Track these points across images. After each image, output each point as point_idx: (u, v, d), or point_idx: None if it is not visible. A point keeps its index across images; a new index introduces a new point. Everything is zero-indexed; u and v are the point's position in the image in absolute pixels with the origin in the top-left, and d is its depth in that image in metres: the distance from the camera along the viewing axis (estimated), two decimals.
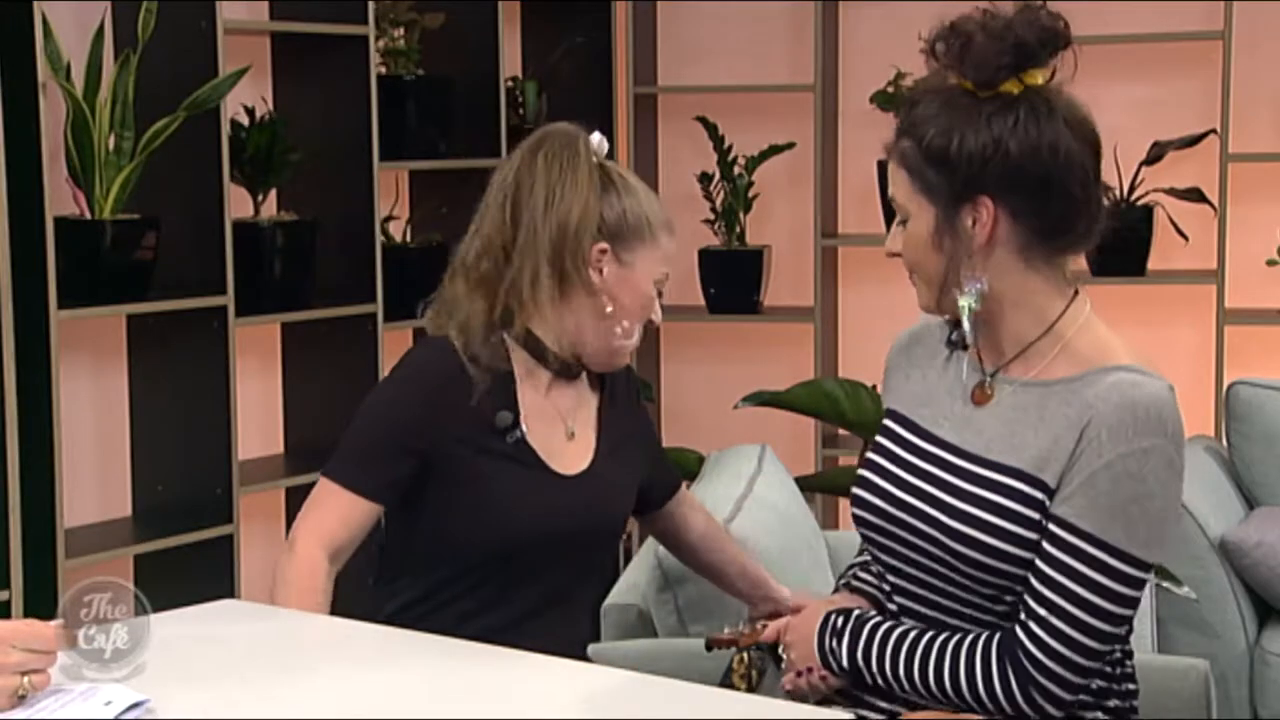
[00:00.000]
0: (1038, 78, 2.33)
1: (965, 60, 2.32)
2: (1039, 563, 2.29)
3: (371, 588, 2.82)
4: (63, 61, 3.86)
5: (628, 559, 5.15)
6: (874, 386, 5.00)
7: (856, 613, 2.47)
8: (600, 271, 2.72)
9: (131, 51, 3.93)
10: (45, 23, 3.79)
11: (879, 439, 2.51)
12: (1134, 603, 2.29)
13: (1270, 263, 4.96)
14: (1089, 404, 2.29)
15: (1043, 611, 2.28)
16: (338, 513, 2.70)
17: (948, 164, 2.32)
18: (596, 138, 2.80)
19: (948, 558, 2.36)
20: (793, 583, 3.05)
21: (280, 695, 2.07)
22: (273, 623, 2.46)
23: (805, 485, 4.00)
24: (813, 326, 5.37)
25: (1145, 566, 2.28)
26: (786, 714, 2.17)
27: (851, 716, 2.26)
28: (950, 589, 2.38)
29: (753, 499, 3.23)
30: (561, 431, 2.78)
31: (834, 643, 2.45)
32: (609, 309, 2.73)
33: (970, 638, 2.35)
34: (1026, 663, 2.29)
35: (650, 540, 3.16)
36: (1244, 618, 3.82)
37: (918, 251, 2.38)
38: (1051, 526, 2.29)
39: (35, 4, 3.73)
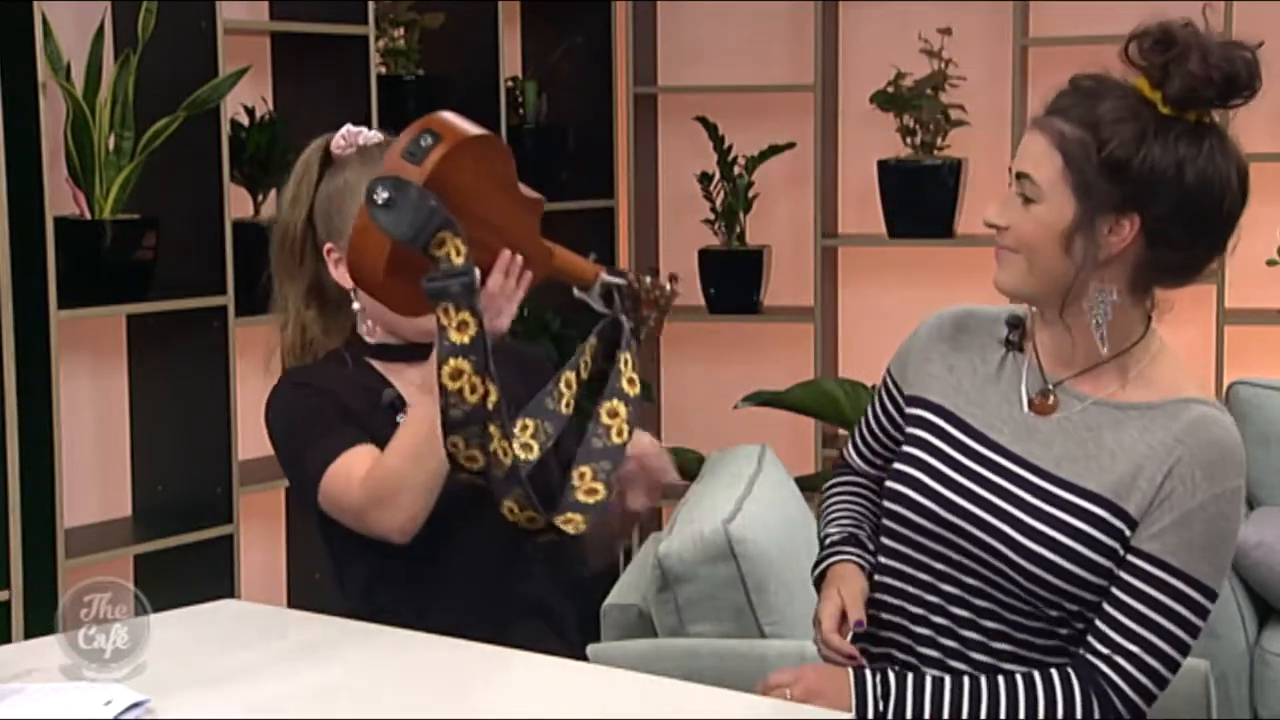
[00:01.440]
0: (1215, 114, 2.31)
1: (1171, 75, 2.25)
2: (1119, 594, 2.26)
3: (338, 590, 2.78)
4: (63, 61, 3.86)
5: (628, 559, 5.16)
6: (874, 386, 5.00)
7: (897, 671, 2.35)
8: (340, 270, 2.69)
9: (131, 51, 3.93)
10: (45, 23, 3.79)
11: (918, 432, 2.42)
12: (1199, 633, 2.28)
13: (1270, 263, 4.96)
14: (1177, 438, 2.27)
15: (1125, 643, 2.26)
16: (363, 458, 2.58)
17: (1121, 174, 2.25)
18: (346, 130, 2.79)
19: (1015, 575, 2.29)
20: (793, 583, 3.05)
21: (280, 695, 2.07)
22: (273, 623, 2.46)
23: (805, 485, 4.00)
24: (813, 326, 5.37)
25: (1215, 597, 2.29)
26: (786, 714, 2.17)
27: (851, 716, 2.25)
28: (1005, 611, 2.32)
29: (753, 499, 3.23)
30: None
31: (883, 706, 2.32)
32: (357, 305, 2.70)
33: (1042, 673, 2.28)
34: (1111, 693, 2.27)
35: (650, 540, 3.17)
36: (1244, 618, 3.82)
37: (1041, 239, 2.27)
38: (1137, 560, 2.26)
39: (35, 4, 3.73)
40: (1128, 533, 2.27)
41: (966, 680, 2.31)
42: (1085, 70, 2.36)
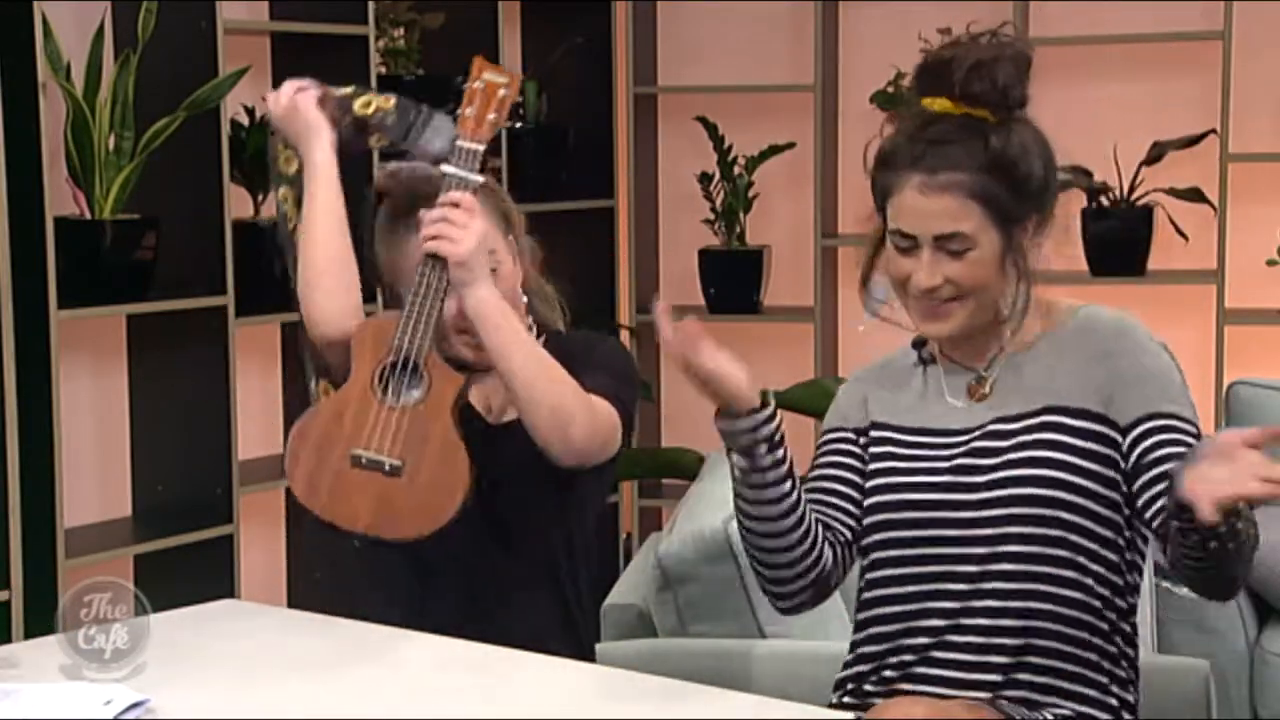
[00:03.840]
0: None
1: (997, 86, 2.40)
2: (1144, 463, 2.36)
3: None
4: (63, 61, 3.86)
5: (628, 559, 5.16)
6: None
7: None
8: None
9: (131, 51, 3.93)
10: (45, 23, 3.79)
11: (882, 449, 2.53)
12: None
13: (1270, 263, 4.96)
14: (1081, 332, 2.45)
15: None
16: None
17: (1025, 187, 2.40)
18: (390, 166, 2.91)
19: (1029, 510, 2.38)
20: None
21: (279, 695, 2.07)
22: (272, 622, 2.46)
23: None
24: (813, 326, 5.37)
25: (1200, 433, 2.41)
26: (786, 714, 2.17)
27: (851, 716, 2.26)
28: (1007, 547, 2.39)
29: None
30: (482, 405, 2.80)
31: None
32: None
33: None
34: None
35: (650, 540, 3.16)
36: (1244, 618, 3.82)
37: (985, 277, 2.42)
38: (1133, 432, 2.39)
39: (35, 4, 3.73)
40: (1088, 425, 2.40)
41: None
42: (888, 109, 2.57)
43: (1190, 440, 2.38)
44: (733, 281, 5.44)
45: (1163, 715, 2.59)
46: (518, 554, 2.73)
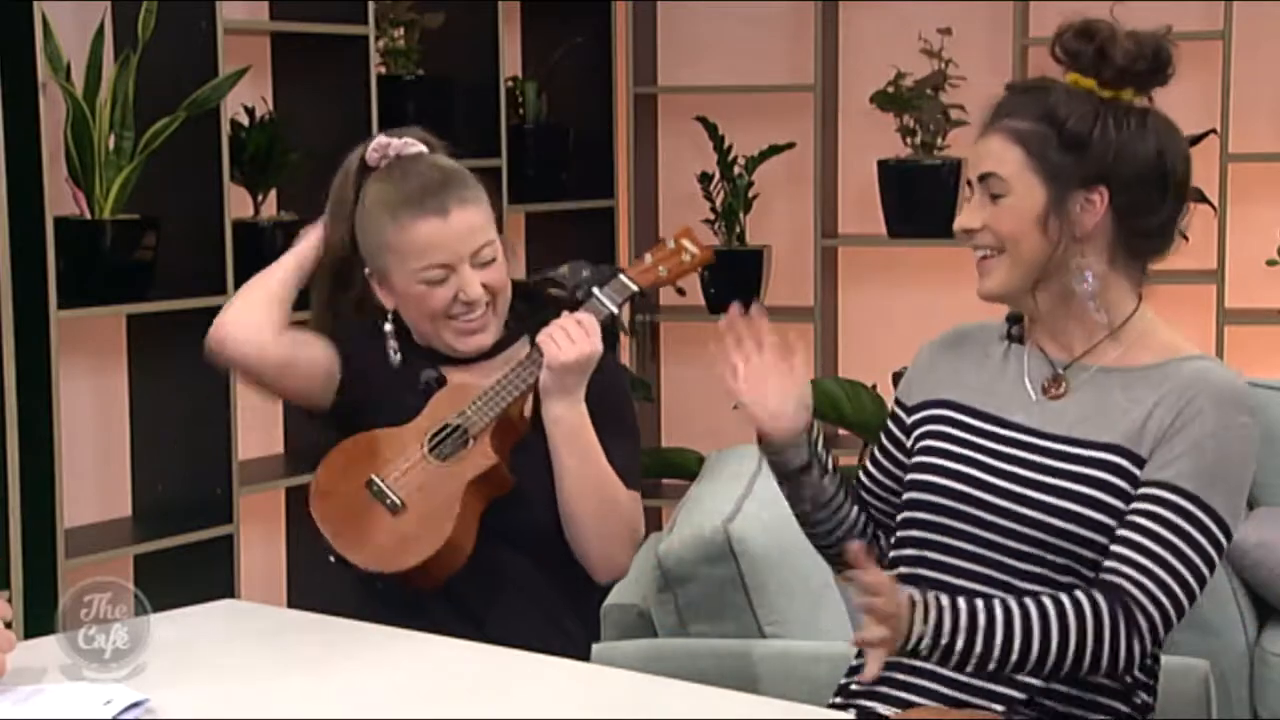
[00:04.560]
0: (1146, 96, 2.44)
1: (1107, 55, 2.38)
2: (1134, 518, 2.31)
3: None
4: (63, 61, 3.86)
5: None
6: (874, 386, 5.00)
7: (935, 597, 2.35)
8: (382, 289, 2.79)
9: (131, 51, 3.93)
10: (45, 23, 3.79)
11: (930, 428, 2.48)
12: (1214, 569, 2.34)
13: (1270, 263, 4.96)
14: (1186, 383, 2.35)
15: (1144, 561, 2.29)
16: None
17: (1084, 149, 2.35)
18: (377, 139, 2.83)
19: (1050, 538, 2.34)
20: (793, 583, 3.05)
21: (280, 695, 2.08)
22: (272, 623, 2.46)
23: None
24: (813, 326, 5.37)
25: (1230, 536, 2.34)
26: (787, 714, 2.17)
27: (851, 716, 2.25)
28: (1024, 565, 2.36)
29: (753, 499, 3.23)
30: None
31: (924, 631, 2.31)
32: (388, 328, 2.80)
33: (1069, 595, 2.30)
34: (1135, 610, 2.29)
35: (650, 540, 3.16)
36: (1244, 618, 3.82)
37: (1019, 229, 2.37)
38: (1150, 490, 2.32)
39: (35, 4, 3.74)
40: (1138, 473, 2.33)
41: (998, 604, 2.31)
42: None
43: (1199, 537, 2.30)
44: (733, 281, 5.43)
45: (1163, 715, 2.59)
46: (518, 554, 2.73)
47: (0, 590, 3.69)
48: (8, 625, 2.06)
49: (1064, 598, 2.30)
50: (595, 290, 2.75)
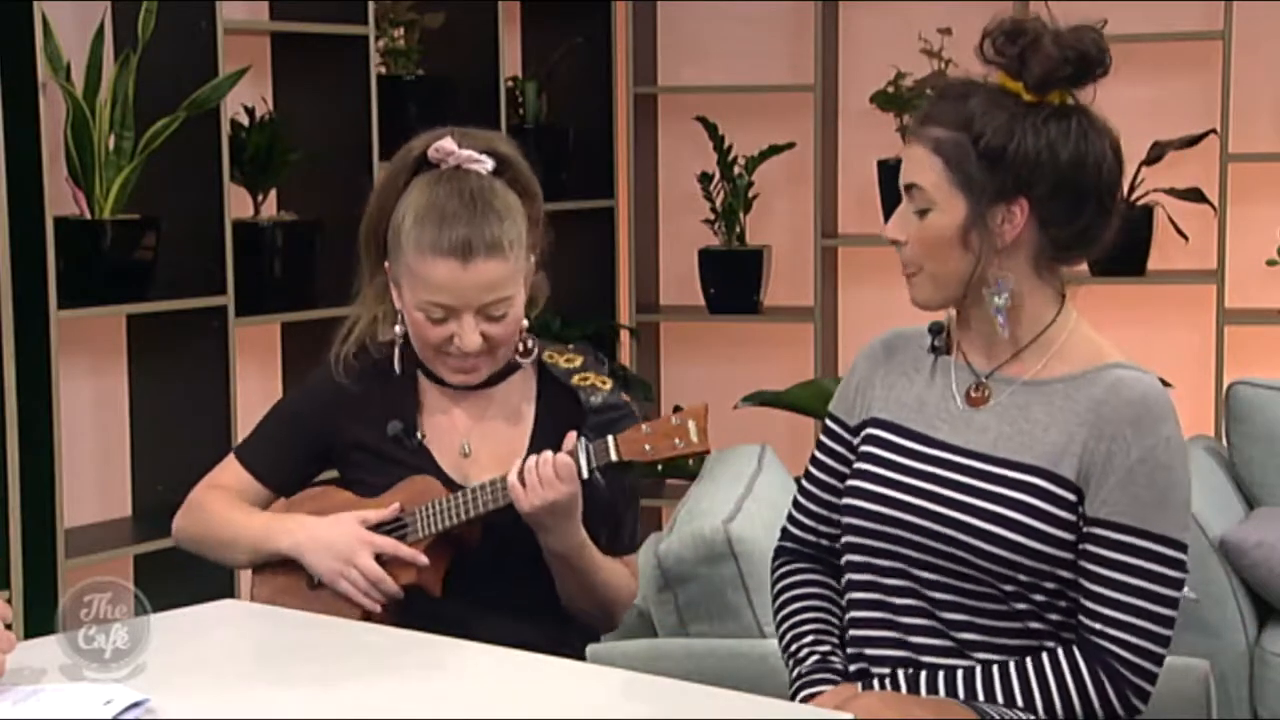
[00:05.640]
0: (1075, 95, 2.38)
1: (1028, 61, 2.34)
2: (1093, 568, 2.30)
3: None
4: (63, 61, 3.86)
5: None
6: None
7: (908, 674, 2.38)
8: (394, 288, 2.69)
9: (131, 51, 3.93)
10: (45, 23, 3.80)
11: (868, 449, 2.48)
12: (1182, 585, 2.33)
13: (1270, 263, 4.96)
14: (1099, 400, 2.33)
15: (1117, 614, 2.30)
16: (236, 486, 2.80)
17: (1001, 162, 2.32)
18: (444, 142, 2.67)
19: (973, 558, 2.33)
20: None
21: (279, 695, 2.07)
22: (272, 623, 2.46)
23: None
24: (813, 326, 5.37)
25: (1185, 549, 2.33)
26: (786, 714, 2.17)
27: (851, 717, 2.25)
28: (973, 588, 2.35)
29: (753, 499, 3.23)
30: (456, 446, 2.73)
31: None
32: (399, 329, 2.72)
33: (1047, 660, 2.32)
34: (1120, 667, 2.30)
35: (650, 540, 3.16)
36: (1244, 618, 3.82)
37: (938, 245, 2.37)
38: (1097, 530, 2.30)
39: (35, 4, 3.74)
40: (1070, 497, 2.32)
41: (978, 670, 2.33)
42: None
43: (1159, 569, 2.30)
44: (733, 281, 5.44)
45: (1163, 715, 2.59)
46: (517, 555, 2.72)
47: (0, 590, 3.69)
48: (8, 625, 2.05)
49: (1045, 661, 2.32)
50: (580, 449, 2.58)
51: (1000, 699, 2.32)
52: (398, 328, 2.71)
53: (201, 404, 4.18)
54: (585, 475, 2.59)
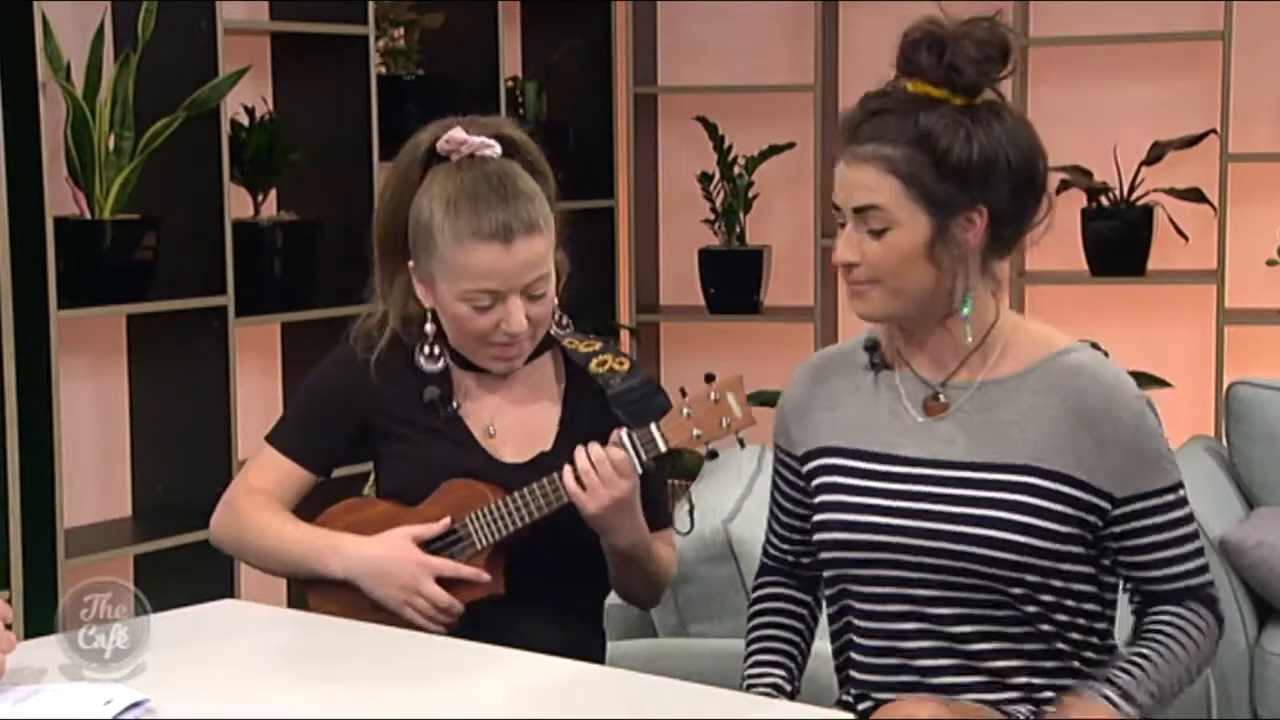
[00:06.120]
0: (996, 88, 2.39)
1: (959, 68, 2.33)
2: (1146, 539, 2.37)
3: None
4: (63, 61, 3.86)
5: None
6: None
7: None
8: (423, 287, 2.65)
9: (131, 51, 3.93)
10: (45, 23, 3.80)
11: (829, 480, 2.43)
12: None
13: (1270, 263, 4.96)
14: (1077, 389, 2.35)
15: (1189, 563, 2.40)
16: (274, 475, 2.75)
17: (963, 174, 2.30)
18: (454, 133, 2.63)
19: (978, 567, 2.32)
20: None
21: (279, 695, 2.08)
22: (272, 622, 2.46)
23: None
24: (813, 326, 5.37)
25: (1183, 484, 2.42)
26: (787, 714, 2.17)
27: (851, 717, 2.25)
28: (981, 598, 2.34)
29: (753, 499, 3.23)
30: (482, 425, 2.70)
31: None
32: (430, 327, 2.68)
33: (1178, 612, 2.42)
34: (1218, 598, 2.44)
35: None
36: (1244, 618, 3.82)
37: (901, 263, 2.33)
38: (1139, 504, 2.36)
39: (35, 4, 3.74)
40: (1066, 490, 2.33)
41: (1160, 647, 2.41)
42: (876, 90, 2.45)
43: (1178, 505, 2.39)
44: (733, 281, 5.44)
45: (1163, 715, 2.59)
46: (521, 560, 2.71)
47: (0, 590, 3.69)
48: (8, 626, 2.05)
49: (1189, 625, 2.41)
50: (625, 440, 2.55)
51: (1156, 691, 2.40)
52: (429, 326, 2.67)
53: (201, 404, 4.18)
54: (640, 470, 2.57)
